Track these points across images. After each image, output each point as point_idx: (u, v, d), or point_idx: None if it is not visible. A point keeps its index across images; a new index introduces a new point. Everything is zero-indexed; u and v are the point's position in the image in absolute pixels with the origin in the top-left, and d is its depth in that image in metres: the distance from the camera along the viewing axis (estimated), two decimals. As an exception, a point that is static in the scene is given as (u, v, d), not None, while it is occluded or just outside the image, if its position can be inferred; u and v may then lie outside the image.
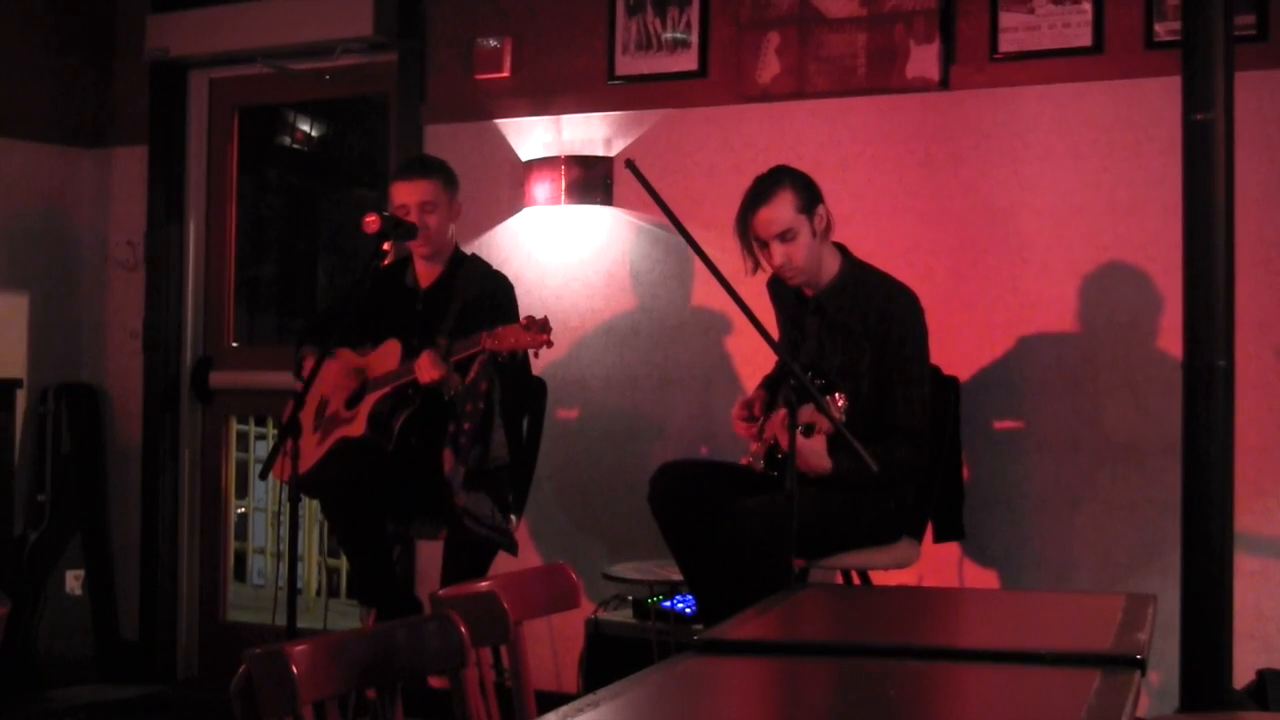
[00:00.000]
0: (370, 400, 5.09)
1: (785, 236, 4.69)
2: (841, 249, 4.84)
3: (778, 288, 4.94)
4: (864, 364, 4.66)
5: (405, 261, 5.39)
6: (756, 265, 4.77)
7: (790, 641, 2.99)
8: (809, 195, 4.74)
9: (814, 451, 4.45)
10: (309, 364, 5.21)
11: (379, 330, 5.25)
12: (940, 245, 5.45)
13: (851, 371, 4.65)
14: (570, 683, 5.64)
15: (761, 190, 4.73)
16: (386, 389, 5.07)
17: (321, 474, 5.15)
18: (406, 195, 5.23)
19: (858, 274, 4.80)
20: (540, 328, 4.72)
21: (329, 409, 5.26)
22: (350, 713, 4.93)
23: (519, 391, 5.17)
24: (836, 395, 4.21)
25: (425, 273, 5.33)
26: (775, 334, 4.88)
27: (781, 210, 4.69)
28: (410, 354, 5.06)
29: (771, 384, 4.96)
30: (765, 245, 4.73)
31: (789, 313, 4.92)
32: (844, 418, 4.18)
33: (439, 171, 5.30)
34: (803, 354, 4.76)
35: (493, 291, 5.28)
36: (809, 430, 4.36)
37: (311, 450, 5.19)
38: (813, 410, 4.25)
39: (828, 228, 4.77)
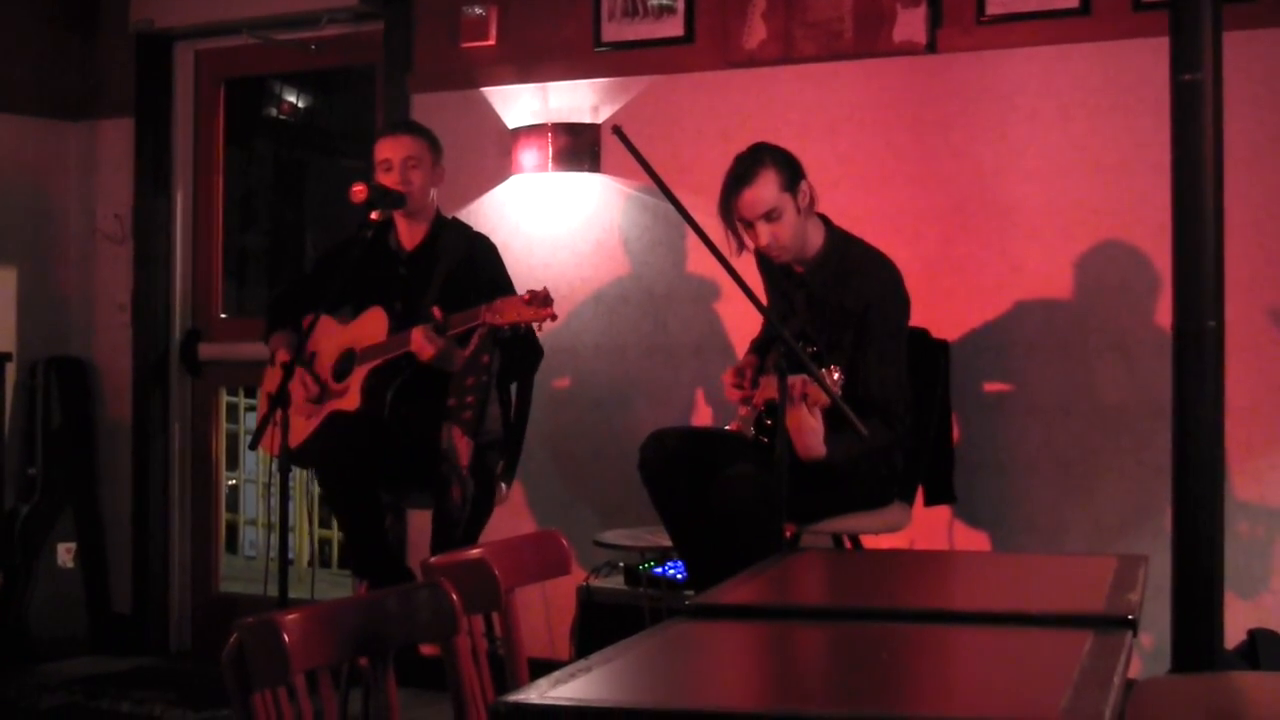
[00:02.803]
0: (361, 373, 5.07)
1: (770, 216, 4.66)
2: (825, 221, 4.81)
3: (765, 260, 4.92)
4: (847, 339, 4.64)
5: (387, 225, 5.34)
6: (741, 245, 4.74)
7: (782, 605, 2.99)
8: (791, 172, 4.70)
9: (812, 430, 4.40)
10: (280, 352, 5.21)
11: (360, 294, 5.22)
12: (929, 209, 5.44)
13: (836, 346, 4.63)
14: (562, 649, 5.65)
15: (744, 171, 4.68)
16: (378, 361, 5.04)
17: (316, 447, 5.13)
18: (391, 150, 5.21)
19: (840, 248, 4.77)
20: (542, 301, 4.67)
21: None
22: (343, 682, 4.95)
23: (521, 362, 5.15)
24: (833, 369, 4.20)
25: (408, 235, 5.30)
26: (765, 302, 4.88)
27: (765, 190, 4.65)
28: (395, 321, 5.05)
29: (760, 347, 4.96)
30: (750, 225, 4.69)
31: (778, 285, 4.90)
32: (840, 391, 4.17)
33: (423, 132, 5.32)
34: (792, 326, 4.75)
35: (479, 256, 5.26)
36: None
37: (302, 424, 5.17)
38: (806, 381, 4.23)
39: (811, 203, 4.74)
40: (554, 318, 4.70)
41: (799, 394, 4.25)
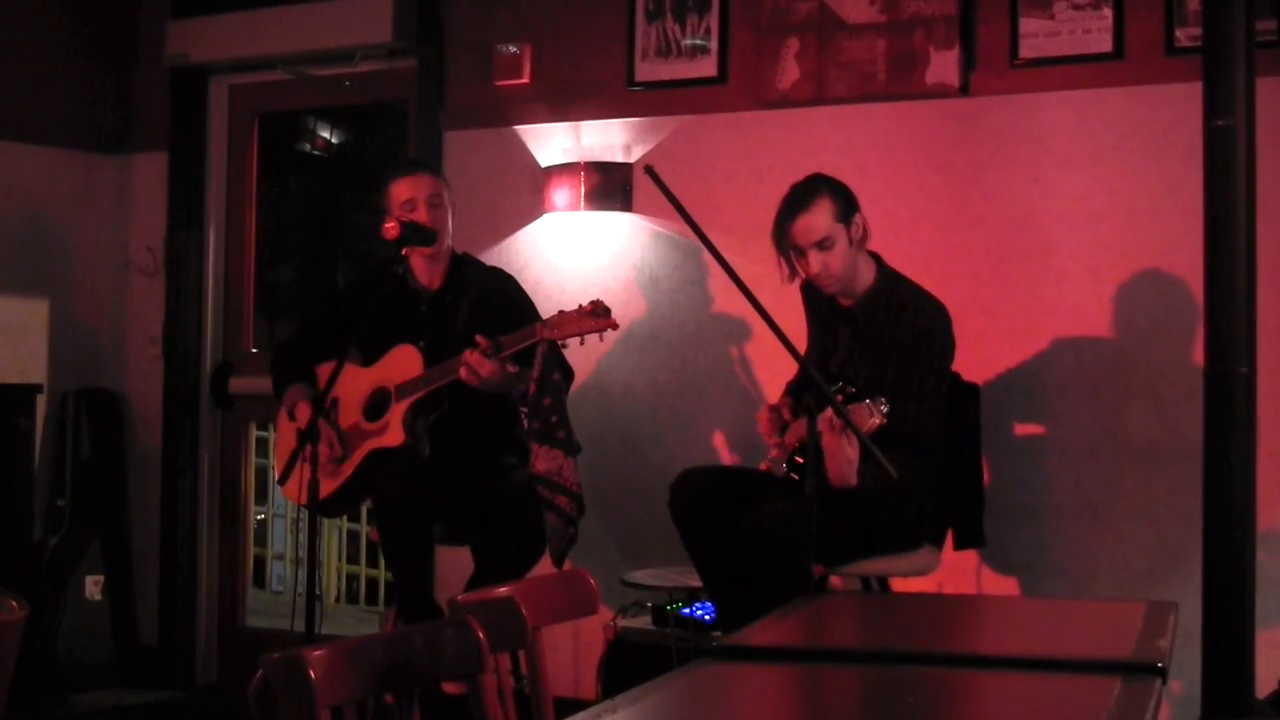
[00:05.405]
0: (401, 408, 5.06)
1: (823, 245, 4.66)
2: (876, 258, 4.81)
3: (812, 293, 4.91)
4: (888, 378, 4.62)
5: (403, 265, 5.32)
6: (793, 273, 4.75)
7: (809, 648, 2.98)
8: (846, 203, 4.72)
9: (848, 460, 4.39)
10: (300, 406, 5.18)
11: (378, 336, 5.19)
12: (960, 251, 5.44)
13: (876, 385, 4.61)
14: (589, 689, 5.64)
15: (799, 198, 4.70)
16: (420, 394, 5.03)
17: (361, 490, 5.12)
18: (413, 189, 5.20)
19: (891, 286, 4.77)
20: (603, 313, 4.70)
21: (342, 423, 5.21)
22: (368, 718, 4.94)
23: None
24: (880, 400, 4.20)
25: (428, 275, 5.30)
26: (805, 338, 4.89)
27: (819, 218, 4.66)
28: (426, 357, 5.05)
29: (796, 390, 4.94)
30: (802, 253, 4.69)
31: (822, 319, 4.90)
32: (885, 420, 4.17)
33: (437, 171, 5.35)
34: (833, 363, 4.75)
35: (500, 287, 5.29)
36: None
37: (332, 466, 5.15)
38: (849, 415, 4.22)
39: (864, 236, 4.75)
40: (615, 326, 4.72)
41: (840, 425, 4.24)
